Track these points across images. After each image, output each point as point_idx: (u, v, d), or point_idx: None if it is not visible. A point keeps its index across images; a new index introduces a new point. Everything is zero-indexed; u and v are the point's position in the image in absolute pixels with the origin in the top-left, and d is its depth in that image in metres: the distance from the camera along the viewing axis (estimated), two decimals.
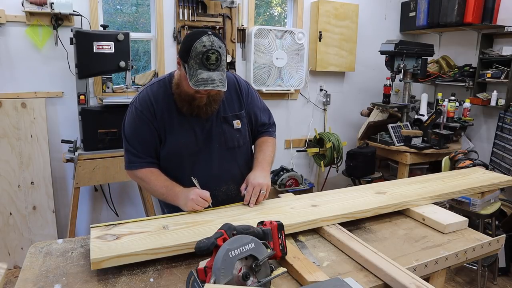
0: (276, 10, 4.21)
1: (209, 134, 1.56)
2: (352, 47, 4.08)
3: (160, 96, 1.52)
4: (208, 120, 1.55)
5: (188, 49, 1.34)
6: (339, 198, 1.61)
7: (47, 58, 2.99)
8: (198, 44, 1.33)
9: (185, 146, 1.53)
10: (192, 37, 1.35)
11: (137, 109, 1.51)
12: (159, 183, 1.51)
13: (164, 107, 1.51)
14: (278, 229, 1.13)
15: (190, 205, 1.41)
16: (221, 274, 0.91)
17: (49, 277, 1.07)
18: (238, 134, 1.62)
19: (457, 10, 3.55)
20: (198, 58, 1.33)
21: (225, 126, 1.58)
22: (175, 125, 1.52)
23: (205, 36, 1.34)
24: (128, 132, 1.54)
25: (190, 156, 1.55)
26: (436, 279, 1.27)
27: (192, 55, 1.33)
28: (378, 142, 3.70)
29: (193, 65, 1.34)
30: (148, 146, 1.53)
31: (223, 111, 1.58)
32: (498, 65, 3.50)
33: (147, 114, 1.50)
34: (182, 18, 3.36)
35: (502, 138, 3.38)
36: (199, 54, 1.32)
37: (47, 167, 2.99)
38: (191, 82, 1.34)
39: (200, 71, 1.33)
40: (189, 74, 1.35)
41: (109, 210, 3.37)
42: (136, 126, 1.52)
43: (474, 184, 1.87)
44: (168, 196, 1.49)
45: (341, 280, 0.99)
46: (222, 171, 1.60)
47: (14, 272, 2.87)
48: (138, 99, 1.53)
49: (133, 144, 1.53)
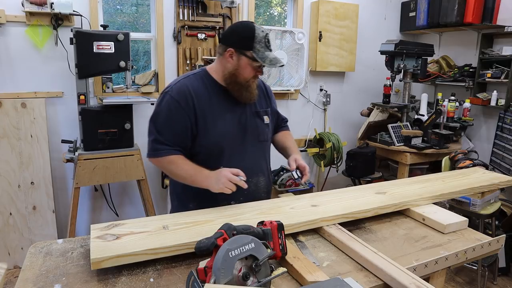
0: (276, 10, 4.21)
1: (245, 127, 1.64)
2: (352, 47, 4.08)
3: (199, 88, 1.57)
4: (243, 114, 1.63)
5: (251, 37, 1.50)
6: (339, 198, 1.61)
7: (47, 58, 2.99)
8: (258, 31, 1.51)
9: (225, 136, 1.58)
10: (248, 27, 1.53)
11: (174, 98, 1.53)
12: (187, 166, 1.53)
13: (205, 99, 1.56)
14: (278, 229, 1.13)
15: (223, 182, 1.43)
16: (221, 274, 0.91)
17: (49, 277, 1.07)
18: (267, 128, 1.72)
19: (457, 10, 3.54)
20: (262, 43, 1.51)
21: (258, 120, 1.68)
22: (216, 116, 1.57)
23: (252, 23, 1.55)
24: (160, 120, 1.54)
25: (228, 147, 1.59)
26: (436, 279, 1.27)
27: (257, 41, 1.50)
28: (378, 142, 3.70)
29: (259, 49, 1.51)
30: (180, 137, 1.55)
31: (255, 106, 1.68)
32: (498, 65, 3.50)
33: (184, 104, 1.53)
34: (182, 18, 3.36)
35: (502, 138, 3.38)
36: (262, 38, 1.51)
37: (47, 167, 2.99)
38: (266, 62, 1.51)
39: (267, 53, 1.52)
40: (260, 57, 1.50)
41: (109, 210, 3.37)
42: (171, 115, 1.53)
43: (474, 184, 1.87)
44: (198, 178, 1.50)
45: (341, 280, 0.99)
46: (253, 163, 1.66)
47: (14, 272, 2.87)
48: (174, 89, 1.55)
49: (163, 133, 1.53)
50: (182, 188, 1.64)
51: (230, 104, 1.60)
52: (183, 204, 1.65)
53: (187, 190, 1.60)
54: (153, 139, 1.54)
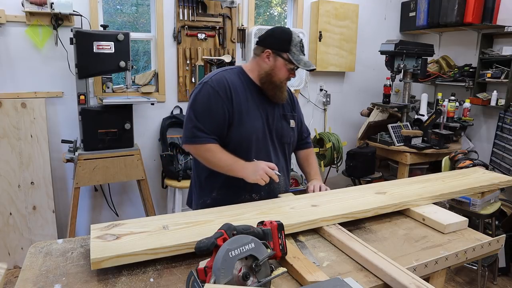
0: (276, 10, 4.21)
1: (272, 126, 1.72)
2: (352, 47, 4.08)
3: (236, 82, 1.65)
4: (272, 114, 1.72)
5: (289, 40, 1.62)
6: (339, 198, 1.61)
7: (47, 58, 2.99)
8: (295, 35, 1.64)
9: (254, 131, 1.65)
10: (285, 31, 1.66)
11: (213, 88, 1.60)
12: (225, 156, 1.60)
13: (241, 93, 1.64)
14: (278, 229, 1.13)
15: (260, 174, 1.53)
16: (221, 274, 0.91)
17: (49, 277, 1.07)
18: (292, 132, 1.81)
19: (457, 10, 3.54)
20: (298, 46, 1.63)
21: (284, 122, 1.77)
22: (249, 111, 1.64)
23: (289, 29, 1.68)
24: (199, 107, 1.61)
25: (255, 142, 1.67)
26: (436, 279, 1.27)
27: (293, 44, 1.62)
28: (378, 142, 3.70)
29: (295, 52, 1.62)
30: (217, 125, 1.61)
31: (283, 109, 1.77)
32: (498, 65, 3.50)
33: (223, 95, 1.60)
34: (182, 18, 3.36)
35: (502, 138, 3.37)
36: (298, 42, 1.63)
37: (47, 167, 2.99)
38: (301, 64, 1.62)
39: (301, 56, 1.64)
40: (295, 60, 1.62)
41: (109, 210, 3.37)
42: (210, 103, 1.60)
43: (474, 184, 1.87)
44: (234, 167, 1.59)
45: (341, 280, 0.99)
46: (276, 161, 1.73)
47: (14, 272, 2.87)
48: (214, 80, 1.62)
49: (202, 120, 1.60)
50: (206, 177, 1.72)
51: (262, 103, 1.69)
52: (206, 193, 1.73)
53: (212, 180, 1.69)
54: (193, 126, 1.60)
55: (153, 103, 3.08)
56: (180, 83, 3.47)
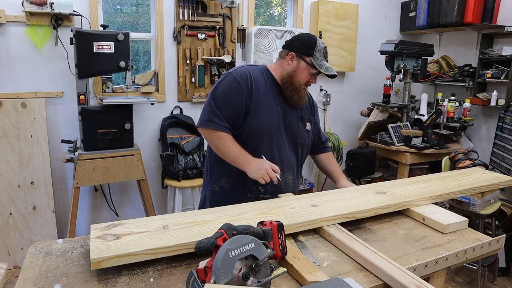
0: (276, 10, 4.21)
1: (288, 124, 1.76)
2: (352, 47, 4.08)
3: (259, 77, 1.72)
4: (290, 113, 1.76)
5: (313, 45, 1.68)
6: (339, 198, 1.61)
7: (47, 58, 2.99)
8: (319, 42, 1.70)
9: (268, 126, 1.70)
10: (310, 37, 1.73)
11: (236, 78, 1.67)
12: (234, 147, 1.65)
13: (261, 87, 1.70)
14: (278, 229, 1.13)
15: (262, 173, 1.57)
16: (221, 274, 0.91)
17: (49, 277, 1.07)
18: (307, 135, 1.85)
19: (457, 10, 3.55)
20: (321, 52, 1.70)
21: (300, 124, 1.82)
22: (266, 105, 1.70)
23: (314, 35, 1.76)
24: (219, 95, 1.67)
25: (268, 137, 1.71)
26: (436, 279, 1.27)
27: (317, 49, 1.68)
28: (378, 142, 3.70)
29: (318, 57, 1.68)
30: (233, 113, 1.66)
31: (301, 111, 1.82)
32: (498, 65, 3.50)
33: (244, 86, 1.66)
34: (182, 18, 3.36)
35: (502, 138, 3.37)
36: (322, 49, 1.70)
37: (47, 167, 2.99)
38: (323, 69, 1.68)
39: (323, 61, 1.70)
40: (317, 64, 1.68)
41: (109, 210, 3.37)
42: (230, 92, 1.66)
43: (474, 184, 1.87)
44: (240, 159, 1.63)
45: (341, 280, 0.99)
46: (287, 159, 1.78)
47: (14, 272, 2.87)
48: (238, 72, 1.70)
49: (220, 107, 1.65)
50: (217, 165, 1.77)
51: (281, 101, 1.74)
52: (215, 180, 1.79)
53: (222, 167, 1.74)
54: (211, 111, 1.66)
55: (153, 103, 3.08)
56: (180, 83, 3.47)
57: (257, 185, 1.69)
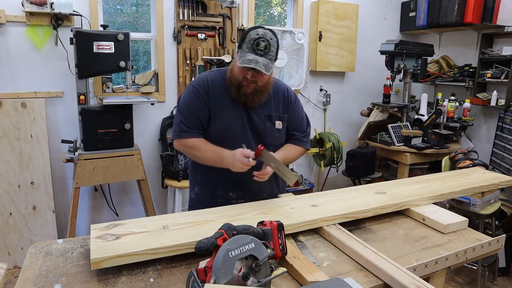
0: (276, 10, 4.21)
1: (253, 126, 1.70)
2: (352, 47, 4.08)
3: (216, 81, 1.69)
4: (255, 113, 1.69)
5: (244, 37, 1.55)
6: (339, 198, 1.61)
7: (47, 58, 2.99)
8: (253, 33, 1.53)
9: (229, 131, 1.67)
10: (251, 28, 1.57)
11: (194, 87, 1.68)
12: (208, 149, 1.65)
13: (219, 91, 1.67)
14: (278, 229, 1.13)
15: (238, 166, 1.53)
16: (221, 274, 0.91)
17: (49, 277, 1.07)
18: (278, 134, 1.76)
19: (457, 10, 3.54)
20: (249, 43, 1.52)
21: (268, 123, 1.73)
22: (225, 108, 1.67)
23: (260, 28, 1.56)
24: (182, 106, 1.69)
25: (232, 142, 1.64)
26: (436, 279, 1.27)
27: (246, 41, 1.53)
28: (378, 142, 3.70)
29: (244, 49, 1.53)
30: (198, 120, 1.67)
31: (269, 110, 1.73)
32: (498, 65, 3.49)
33: (202, 92, 1.66)
34: (182, 18, 3.36)
35: (502, 138, 3.37)
36: (251, 40, 1.52)
37: (47, 167, 2.99)
38: (239, 61, 1.53)
39: (248, 53, 1.52)
40: (239, 56, 1.54)
41: (109, 210, 3.37)
42: (191, 101, 1.67)
43: (474, 184, 1.87)
44: (217, 160, 1.62)
45: (341, 280, 0.99)
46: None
47: (14, 272, 2.87)
48: (197, 80, 1.72)
49: (186, 117, 1.67)
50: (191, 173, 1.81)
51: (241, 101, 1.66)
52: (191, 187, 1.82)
53: (194, 175, 1.78)
54: (179, 122, 1.68)
55: (153, 103, 3.08)
56: (180, 83, 3.47)
57: (227, 191, 1.69)
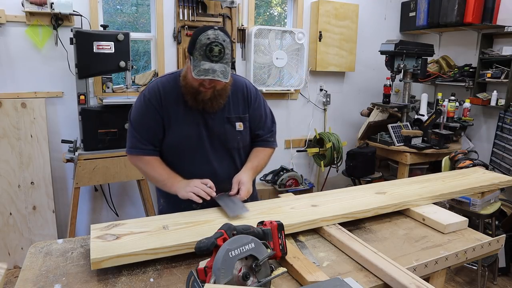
0: (276, 10, 4.21)
1: (212, 131, 1.59)
2: (352, 47, 4.08)
3: (169, 88, 1.56)
4: (212, 118, 1.58)
5: (194, 42, 1.40)
6: (339, 198, 1.61)
7: (47, 58, 2.99)
8: (203, 37, 1.38)
9: (186, 139, 1.57)
10: (199, 31, 1.41)
11: (146, 96, 1.57)
12: (159, 170, 1.57)
13: (172, 98, 1.55)
14: (278, 229, 1.13)
15: (189, 189, 1.45)
16: (221, 274, 0.91)
17: (49, 277, 1.07)
18: (239, 136, 1.64)
19: (457, 10, 3.54)
20: (202, 50, 1.38)
21: (228, 126, 1.61)
22: (180, 117, 1.56)
23: (211, 30, 1.40)
24: (134, 118, 1.59)
25: (191, 150, 1.58)
26: (436, 279, 1.27)
27: (197, 47, 1.38)
28: (378, 142, 3.70)
29: (197, 56, 1.39)
30: (152, 133, 1.57)
31: (228, 112, 1.61)
32: (498, 65, 3.49)
33: (154, 102, 1.55)
34: (182, 18, 3.36)
35: (502, 138, 3.37)
36: (203, 46, 1.37)
37: (47, 167, 2.99)
38: (194, 72, 1.38)
39: (203, 62, 1.38)
40: (193, 65, 1.39)
41: (109, 210, 3.37)
42: (143, 112, 1.57)
43: (474, 184, 1.87)
44: (168, 183, 1.54)
45: (341, 280, 0.99)
46: (220, 169, 1.61)
47: (14, 272, 2.87)
48: (148, 89, 1.59)
49: (138, 130, 1.58)
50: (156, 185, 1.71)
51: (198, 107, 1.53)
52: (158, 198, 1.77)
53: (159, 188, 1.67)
54: (132, 136, 1.59)
55: None
56: None
57: (191, 202, 1.48)
